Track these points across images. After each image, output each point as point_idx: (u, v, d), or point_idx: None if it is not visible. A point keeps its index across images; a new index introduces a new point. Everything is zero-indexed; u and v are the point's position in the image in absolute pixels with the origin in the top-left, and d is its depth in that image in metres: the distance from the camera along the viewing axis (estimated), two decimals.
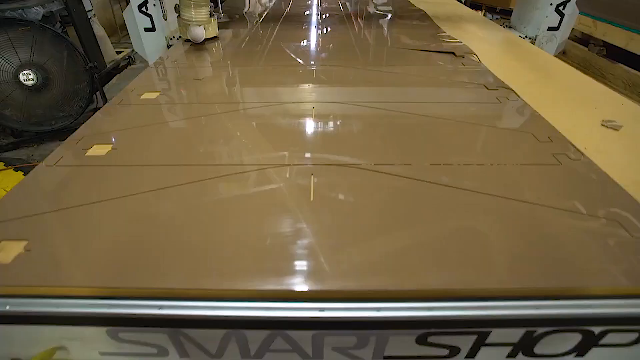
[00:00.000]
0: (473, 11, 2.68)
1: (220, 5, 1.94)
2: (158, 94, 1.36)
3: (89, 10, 3.72)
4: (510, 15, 7.09)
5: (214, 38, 1.98)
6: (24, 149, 2.98)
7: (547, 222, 0.76)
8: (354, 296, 0.62)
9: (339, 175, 0.90)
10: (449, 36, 2.00)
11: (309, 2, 3.01)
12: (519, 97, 1.32)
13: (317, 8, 2.82)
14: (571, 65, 1.65)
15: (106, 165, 0.96)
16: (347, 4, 2.97)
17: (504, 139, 1.07)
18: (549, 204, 0.81)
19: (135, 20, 2.02)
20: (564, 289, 0.63)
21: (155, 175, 0.91)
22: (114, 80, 4.05)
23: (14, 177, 2.51)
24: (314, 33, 2.16)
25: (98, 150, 1.02)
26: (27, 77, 2.72)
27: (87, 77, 2.96)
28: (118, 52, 4.29)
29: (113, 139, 1.07)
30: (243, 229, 0.74)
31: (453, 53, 1.72)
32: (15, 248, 0.70)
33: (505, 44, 1.99)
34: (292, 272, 0.65)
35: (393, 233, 0.73)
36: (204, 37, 1.86)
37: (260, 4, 3.07)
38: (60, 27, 3.13)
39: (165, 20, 1.97)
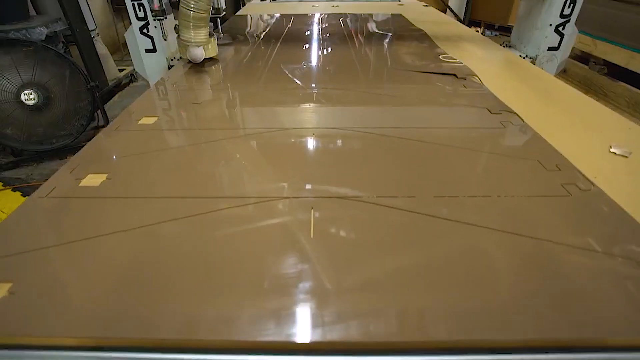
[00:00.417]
0: (472, 30, 2.69)
1: (220, 26, 1.94)
2: (156, 118, 1.34)
3: (92, 30, 3.76)
4: (509, 32, 7.14)
5: (214, 58, 1.98)
6: (23, 168, 2.97)
7: (559, 261, 0.73)
8: (358, 348, 0.58)
9: (340, 209, 0.87)
10: (449, 57, 1.99)
11: (310, 21, 3.03)
12: (523, 121, 1.30)
13: (318, 25, 2.83)
14: (572, 84, 1.63)
15: (99, 197, 0.93)
16: (348, 21, 2.99)
17: (509, 168, 1.04)
18: (561, 241, 0.77)
19: (136, 42, 2.03)
20: (580, 339, 0.59)
21: (149, 210, 0.87)
22: (115, 98, 4.07)
23: (11, 198, 2.49)
24: (314, 53, 2.15)
25: (92, 180, 1.00)
26: (29, 97, 2.72)
27: (89, 95, 2.96)
28: (120, 70, 4.33)
29: (108, 168, 1.04)
30: (239, 272, 0.70)
31: (455, 75, 1.71)
32: None
33: (506, 64, 1.98)
34: (291, 321, 0.61)
35: (398, 277, 0.69)
36: (204, 57, 1.85)
37: (262, 21, 3.10)
38: (62, 46, 3.15)
39: (165, 40, 1.97)
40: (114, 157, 1.11)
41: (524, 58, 2.20)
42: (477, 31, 7.21)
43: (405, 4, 3.92)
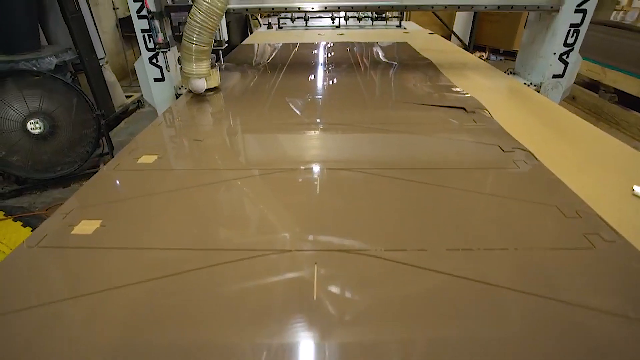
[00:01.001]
0: (477, 58, 2.68)
1: (222, 57, 1.94)
2: (156, 157, 1.30)
3: (101, 58, 3.83)
4: (514, 56, 7.17)
5: (216, 88, 1.98)
6: (26, 196, 2.95)
7: (590, 330, 0.65)
8: None
9: (346, 265, 0.81)
10: (457, 88, 1.96)
11: (315, 50, 3.04)
12: (537, 159, 1.24)
13: (324, 54, 2.84)
14: (581, 112, 1.58)
15: (91, 247, 0.88)
16: (354, 50, 3.00)
17: (526, 215, 0.97)
18: (589, 304, 0.70)
19: (145, 71, 2.04)
20: None
21: (143, 263, 0.82)
22: (121, 124, 4.09)
23: (12, 228, 2.45)
24: (319, 84, 2.13)
25: (86, 227, 0.95)
26: (35, 126, 2.73)
27: (94, 123, 2.97)
28: (128, 96, 4.38)
29: (103, 213, 1.00)
30: (235, 340, 0.64)
31: (464, 108, 1.67)
32: None
33: (513, 94, 1.94)
34: None
35: (410, 350, 0.62)
36: (205, 88, 1.85)
37: (268, 50, 3.12)
38: (70, 76, 3.19)
39: (168, 71, 1.98)
40: (110, 201, 1.06)
41: (528, 85, 2.17)
42: (482, 56, 7.27)
43: (411, 31, 3.95)
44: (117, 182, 1.17)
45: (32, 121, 2.71)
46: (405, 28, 4.17)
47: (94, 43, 3.64)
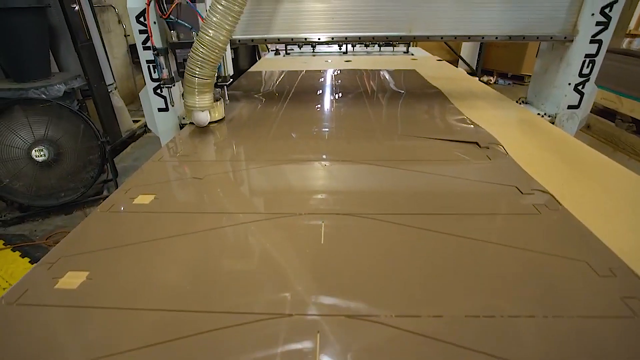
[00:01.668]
0: (486, 87, 2.62)
1: (226, 92, 1.91)
2: (153, 197, 1.24)
3: (110, 84, 3.87)
4: (522, 80, 7.10)
5: (221, 120, 1.95)
6: (28, 223, 2.92)
7: None
8: None
9: (352, 334, 0.72)
10: (469, 120, 1.89)
11: (321, 78, 3.02)
12: (560, 204, 1.15)
13: (330, 83, 2.81)
14: (597, 141, 1.49)
15: (74, 306, 0.80)
16: (361, 78, 2.97)
17: (553, 273, 0.88)
18: None
19: (149, 101, 2.02)
20: None
21: (133, 326, 0.74)
22: (128, 149, 4.10)
23: (10, 258, 2.40)
24: (324, 116, 2.08)
25: (71, 280, 0.88)
26: (39, 153, 2.72)
27: (100, 150, 2.96)
28: (135, 121, 4.40)
29: (91, 264, 0.93)
30: None
31: (477, 143, 1.59)
32: None
33: (528, 127, 1.85)
34: None
35: None
36: (209, 121, 1.82)
37: (274, 78, 3.12)
38: (77, 104, 3.21)
39: (173, 106, 1.95)
40: (101, 248, 0.99)
41: (542, 116, 2.09)
42: (490, 80, 7.25)
43: (419, 58, 3.94)
44: (110, 226, 1.10)
45: (37, 148, 2.71)
46: (412, 54, 4.16)
47: (103, 70, 3.69)
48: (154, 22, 1.68)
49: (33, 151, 2.70)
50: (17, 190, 2.80)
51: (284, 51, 4.37)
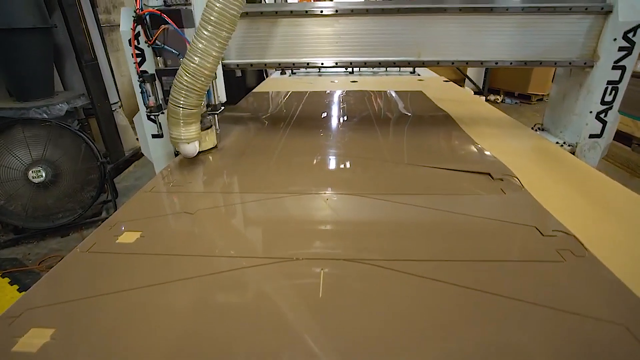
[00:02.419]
0: (498, 111, 2.51)
1: (217, 122, 1.80)
2: (139, 235, 1.15)
3: (114, 103, 3.85)
4: (529, 99, 6.97)
5: (214, 148, 1.83)
6: (22, 245, 2.84)
7: None
8: None
9: None
10: (479, 147, 1.79)
11: (326, 101, 2.95)
12: (586, 249, 1.02)
13: (334, 106, 2.73)
14: (612, 165, 1.37)
15: None
16: (367, 101, 2.90)
17: (589, 340, 0.75)
18: None
19: (143, 127, 1.94)
20: None
21: None
22: (131, 167, 4.05)
23: None
24: (327, 142, 1.97)
25: (32, 340, 0.77)
26: (36, 174, 2.66)
27: (99, 170, 2.89)
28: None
29: (59, 319, 0.82)
30: None
31: (489, 174, 1.48)
32: None
33: (545, 157, 1.73)
34: None
35: None
36: (198, 151, 1.68)
37: (278, 100, 3.06)
38: (77, 124, 3.17)
39: (162, 137, 1.86)
40: (73, 299, 0.89)
41: (562, 145, 1.98)
42: (497, 99, 7.17)
43: (425, 78, 3.86)
44: (88, 270, 1.00)
45: (34, 169, 2.65)
46: (419, 75, 4.10)
47: (108, 89, 3.67)
48: (140, 48, 1.60)
49: (30, 172, 2.64)
50: (12, 211, 2.73)
51: (290, 71, 4.33)
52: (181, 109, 1.48)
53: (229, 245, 1.11)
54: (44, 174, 2.67)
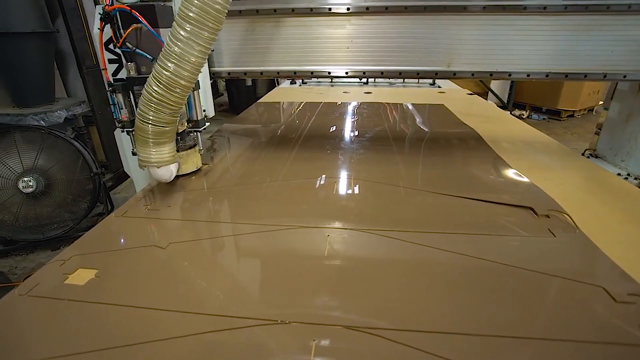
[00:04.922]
0: (534, 130, 2.20)
1: (200, 141, 1.52)
2: (93, 275, 0.92)
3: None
4: (559, 115, 6.53)
5: (197, 171, 1.55)
6: (11, 258, 2.67)
7: None
8: None
9: None
10: (516, 174, 1.50)
11: (337, 114, 2.71)
12: None
13: (346, 120, 2.48)
14: None
15: None
16: (383, 114, 2.64)
17: None
18: None
19: (122, 142, 1.70)
20: None
21: None
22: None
23: None
24: (339, 162, 1.70)
25: None
26: (27, 184, 2.50)
27: (93, 182, 2.72)
28: None
29: None
30: None
31: (532, 209, 1.20)
32: None
33: (602, 191, 1.40)
34: None
35: None
36: (174, 175, 1.41)
37: (289, 105, 2.84)
38: (72, 132, 3.03)
39: (134, 155, 1.61)
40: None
41: (626, 178, 1.65)
42: (522, 115, 6.81)
43: (447, 90, 3.59)
44: (22, 319, 0.79)
45: (24, 179, 2.49)
46: (440, 87, 3.83)
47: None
48: (117, 52, 1.36)
49: (20, 182, 2.48)
50: (1, 221, 2.57)
51: (301, 80, 4.13)
52: (150, 125, 1.21)
53: (202, 295, 0.86)
54: (34, 184, 2.51)
